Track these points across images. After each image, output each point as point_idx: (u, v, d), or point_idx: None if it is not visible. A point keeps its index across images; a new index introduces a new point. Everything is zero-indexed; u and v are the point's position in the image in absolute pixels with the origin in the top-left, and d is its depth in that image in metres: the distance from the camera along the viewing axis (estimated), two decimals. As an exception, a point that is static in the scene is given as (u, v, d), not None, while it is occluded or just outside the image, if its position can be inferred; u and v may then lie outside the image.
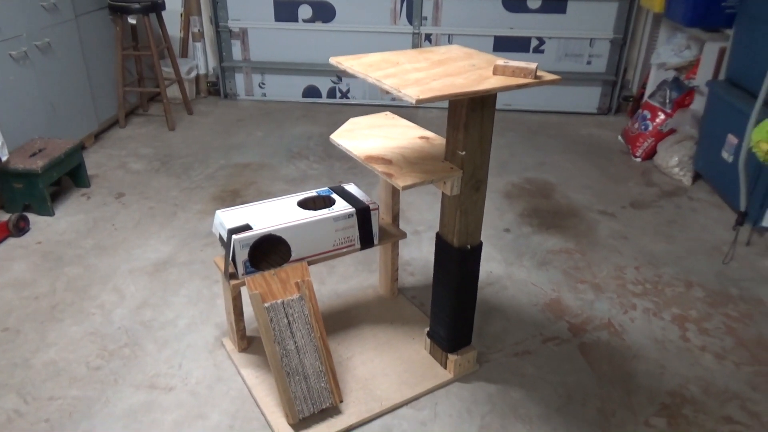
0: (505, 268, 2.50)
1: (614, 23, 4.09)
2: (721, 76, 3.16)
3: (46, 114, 3.14)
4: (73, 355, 1.97)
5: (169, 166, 3.41)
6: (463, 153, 1.53)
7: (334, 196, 1.96)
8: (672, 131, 3.44)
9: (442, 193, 1.64)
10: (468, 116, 1.47)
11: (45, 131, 3.12)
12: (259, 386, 1.83)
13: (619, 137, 3.89)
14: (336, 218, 1.85)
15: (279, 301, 1.72)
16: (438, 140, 1.76)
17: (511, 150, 3.72)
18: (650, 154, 3.55)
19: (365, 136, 1.80)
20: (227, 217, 1.82)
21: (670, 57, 3.68)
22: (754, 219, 2.56)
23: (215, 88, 4.58)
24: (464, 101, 1.44)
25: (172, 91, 4.27)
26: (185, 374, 1.90)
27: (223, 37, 4.36)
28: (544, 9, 4.10)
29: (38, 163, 2.71)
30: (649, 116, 3.56)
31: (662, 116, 3.49)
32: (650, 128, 3.52)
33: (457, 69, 1.43)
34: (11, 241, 2.61)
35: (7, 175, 2.72)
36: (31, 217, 2.79)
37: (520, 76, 1.35)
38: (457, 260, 1.70)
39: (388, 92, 1.34)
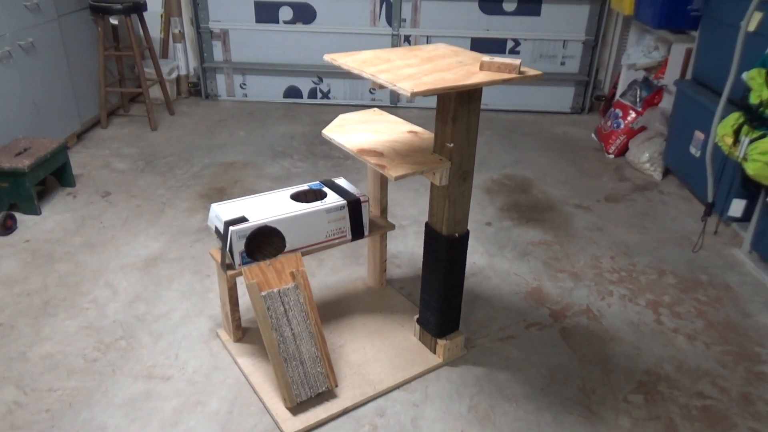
0: (487, 259, 2.59)
1: (586, 25, 4.24)
2: (688, 76, 3.32)
3: (29, 113, 3.14)
4: (69, 348, 2.00)
5: (154, 165, 3.43)
6: (451, 145, 1.62)
7: (326, 189, 2.03)
8: (643, 128, 3.60)
9: (431, 184, 1.72)
10: (456, 109, 1.56)
11: (28, 131, 3.13)
12: (255, 373, 1.89)
13: (593, 135, 4.04)
14: (329, 210, 1.92)
15: (275, 290, 1.78)
16: (426, 134, 1.85)
17: (489, 148, 3.84)
18: (622, 151, 3.69)
19: (356, 131, 1.87)
20: (223, 210, 1.87)
21: (639, 58, 3.83)
22: (721, 210, 2.70)
23: (196, 88, 4.61)
24: (452, 95, 1.53)
25: (154, 92, 4.28)
26: (182, 364, 1.95)
27: (204, 38, 4.39)
28: (519, 11, 4.23)
29: (25, 162, 2.72)
30: (620, 114, 3.71)
31: (633, 114, 3.64)
32: (622, 126, 3.67)
33: (445, 65, 1.52)
34: (-2, 240, 2.62)
35: (-7, 174, 2.73)
36: (18, 216, 2.79)
37: (505, 71, 1.45)
38: (446, 248, 1.78)
39: (381, 87, 1.42)
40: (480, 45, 4.33)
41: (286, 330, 1.78)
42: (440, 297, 1.87)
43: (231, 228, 1.78)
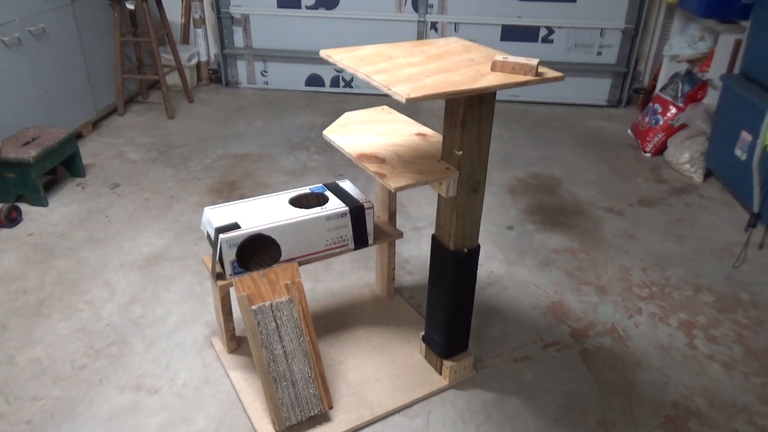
0: (506, 267, 2.42)
1: (626, 13, 3.96)
2: (736, 70, 3.04)
3: (40, 102, 3.08)
4: (58, 353, 1.92)
5: (167, 155, 3.34)
6: (460, 153, 1.45)
7: (328, 193, 1.89)
8: (683, 126, 3.34)
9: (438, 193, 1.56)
10: (465, 114, 1.39)
11: (40, 119, 3.06)
12: (247, 390, 1.77)
13: (629, 131, 3.78)
14: (328, 217, 1.78)
15: (267, 303, 1.65)
16: (435, 137, 1.68)
17: (515, 143, 3.63)
18: (660, 150, 3.44)
19: (360, 132, 1.72)
20: (215, 215, 1.75)
21: (683, 48, 3.56)
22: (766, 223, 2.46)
23: (217, 75, 4.50)
24: (461, 98, 1.36)
25: (173, 79, 4.19)
26: (172, 375, 1.85)
27: (224, 23, 4.27)
28: (554, -3, 3.98)
29: (30, 153, 2.65)
30: (659, 110, 3.45)
31: (673, 110, 3.38)
32: (661, 122, 3.41)
33: (453, 64, 1.34)
34: (2, 233, 2.56)
35: (-1, 164, 2.67)
36: (24, 207, 2.74)
37: (520, 73, 1.27)
38: (453, 264, 1.62)
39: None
40: (511, 33, 4.10)
41: (277, 347, 1.65)
42: (446, 316, 1.71)
43: (221, 236, 1.65)
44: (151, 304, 2.16)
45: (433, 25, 4.14)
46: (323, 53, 1.43)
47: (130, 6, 3.55)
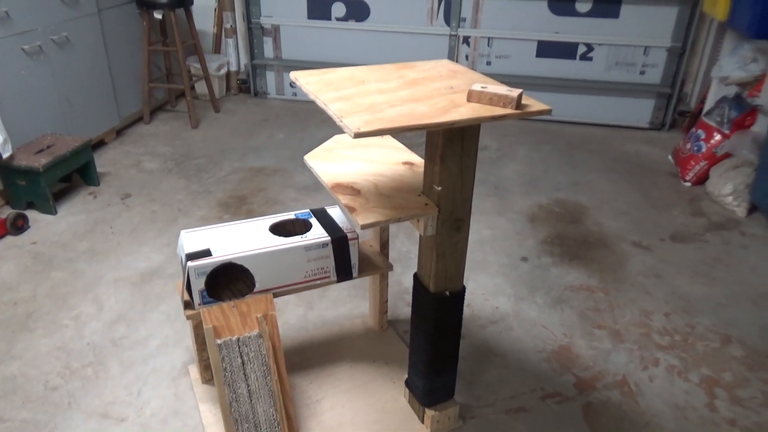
0: (514, 304, 2.24)
1: (673, 30, 3.71)
2: (789, 96, 2.77)
3: (61, 109, 3.10)
4: (34, 371, 1.87)
5: (183, 166, 3.31)
6: (440, 188, 1.31)
7: (313, 220, 1.77)
8: (728, 155, 3.07)
9: (418, 230, 1.42)
10: (444, 147, 1.25)
11: (60, 127, 3.08)
12: (214, 426, 1.67)
13: (669, 157, 3.52)
14: (308, 247, 1.66)
15: (234, 338, 1.55)
16: (423, 168, 1.54)
17: (545, 166, 3.43)
18: (702, 179, 3.18)
19: (343, 158, 1.60)
20: (189, 240, 1.66)
21: (733, 70, 3.28)
22: (814, 267, 2.20)
23: (246, 85, 4.48)
24: (438, 130, 1.22)
25: (202, 88, 4.19)
26: (142, 403, 1.77)
27: (255, 33, 4.25)
28: (594, 12, 3.76)
29: (41, 161, 2.66)
30: (703, 136, 3.19)
31: (718, 137, 3.11)
32: (703, 150, 3.15)
33: (428, 92, 1.21)
34: (8, 240, 2.56)
35: (11, 171, 2.68)
36: (34, 215, 2.75)
37: (499, 105, 1.12)
38: (434, 307, 1.48)
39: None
40: (547, 49, 3.90)
41: (241, 386, 1.54)
42: (427, 361, 1.56)
43: (189, 264, 1.56)
44: (136, 325, 2.09)
45: (466, 40, 3.99)
46: (292, 75, 1.32)
47: (158, 15, 3.55)
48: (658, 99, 3.90)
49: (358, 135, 0.98)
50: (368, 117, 1.04)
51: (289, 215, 1.81)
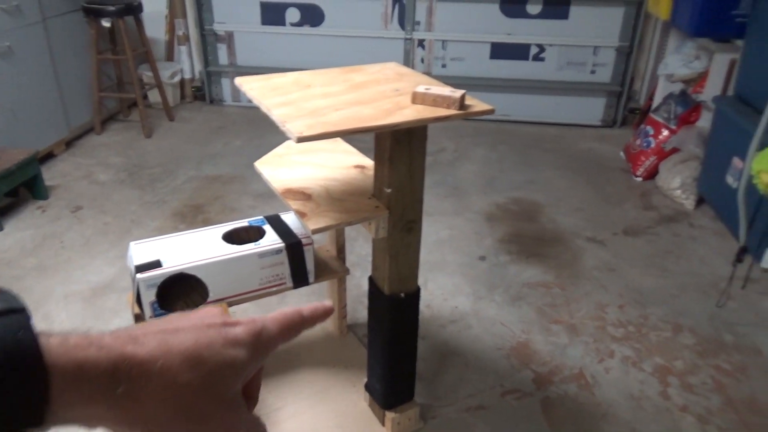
0: (473, 303, 2.26)
1: (620, 30, 3.81)
2: (731, 92, 2.88)
3: (5, 122, 2.99)
4: (-20, 394, 1.80)
5: (136, 177, 3.24)
6: (390, 190, 1.31)
7: (267, 227, 1.76)
8: (675, 150, 3.17)
9: (371, 233, 1.42)
10: (393, 149, 1.26)
11: (4, 140, 2.98)
12: (171, 440, 1.63)
13: (621, 153, 3.62)
14: (261, 254, 1.65)
15: (188, 349, 1.52)
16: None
17: (501, 165, 3.48)
18: (652, 174, 3.27)
19: (294, 164, 1.59)
20: (139, 251, 1.62)
21: (678, 68, 3.39)
22: (755, 255, 2.28)
23: (201, 93, 4.42)
24: (386, 132, 1.23)
25: (155, 96, 4.11)
26: (96, 421, 1.71)
27: (208, 40, 4.20)
28: (544, 14, 3.84)
29: (-16, 175, 2.57)
30: (651, 132, 3.28)
31: (666, 133, 3.21)
32: (652, 145, 3.25)
33: (373, 95, 1.21)
34: (-50, 258, 2.46)
35: (-47, 187, 2.58)
36: (-21, 231, 2.65)
37: (442, 106, 1.13)
38: (389, 310, 1.48)
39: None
40: (500, 51, 3.96)
41: (197, 398, 1.51)
42: (385, 364, 1.56)
43: (138, 276, 1.52)
44: (89, 340, 2.03)
45: (420, 43, 4.02)
46: (237, 81, 1.30)
47: (107, 24, 3.47)
48: (609, 97, 4.00)
49: (301, 139, 0.98)
50: (311, 121, 1.04)
51: (242, 222, 1.79)
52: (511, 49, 3.96)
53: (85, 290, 2.29)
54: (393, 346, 1.53)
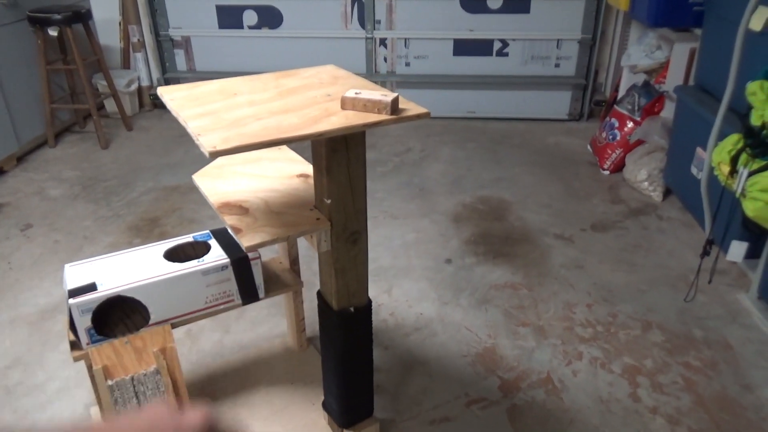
0: (438, 308, 2.20)
1: (582, 23, 3.78)
2: (692, 81, 2.85)
3: (-54, 138, 2.86)
4: None
5: (91, 190, 3.12)
6: (329, 201, 1.24)
7: (212, 242, 1.67)
8: (641, 141, 3.13)
9: (315, 246, 1.34)
10: (329, 158, 1.18)
11: (-54, 157, 2.84)
12: (116, 474, 1.54)
13: (588, 147, 3.58)
14: (205, 272, 1.56)
15: (128, 377, 1.43)
16: (318, 179, 1.46)
17: (468, 164, 3.42)
18: (619, 167, 3.24)
19: (235, 175, 1.50)
20: (73, 274, 1.53)
21: (640, 58, 3.36)
22: (722, 247, 2.25)
23: (159, 101, 4.28)
24: (321, 140, 1.15)
25: (112, 106, 3.98)
26: (37, 457, 1.61)
27: (164, 46, 4.08)
28: (505, 9, 3.79)
29: None
30: (617, 124, 3.25)
31: (631, 124, 3.18)
32: (618, 138, 3.21)
33: (303, 102, 1.13)
34: None
35: None
36: None
37: (373, 110, 1.05)
38: (339, 326, 1.40)
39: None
40: (463, 47, 3.90)
41: (139, 429, 1.42)
42: (340, 382, 1.49)
43: (71, 301, 1.43)
44: (33, 368, 1.92)
45: (383, 42, 3.94)
46: (159, 91, 1.21)
47: (53, 33, 3.34)
48: (575, 90, 3.97)
49: (214, 154, 0.90)
50: (228, 133, 0.96)
51: (187, 238, 1.69)
52: (475, 45, 3.90)
53: (32, 314, 2.18)
54: (346, 362, 1.46)
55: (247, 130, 0.97)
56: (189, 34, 4.02)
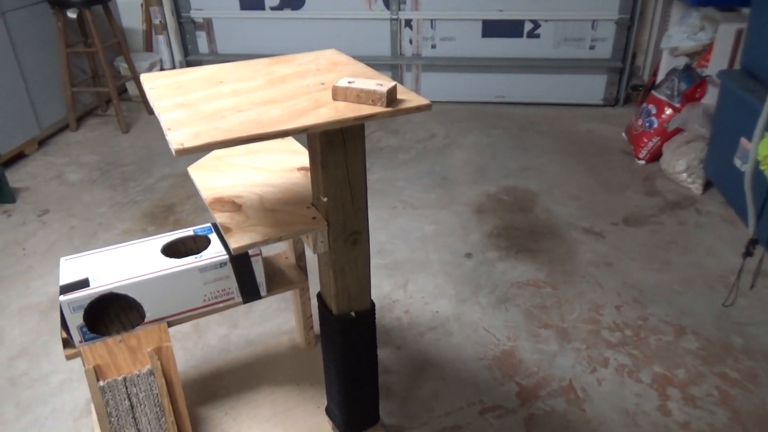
0: (455, 306, 2.08)
1: (619, 2, 3.56)
2: (738, 65, 2.63)
3: (-35, 122, 2.85)
4: None
5: (109, 176, 3.09)
6: (326, 199, 1.13)
7: (213, 236, 1.59)
8: (679, 130, 2.93)
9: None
10: (324, 152, 1.07)
11: (-34, 141, 2.84)
12: (112, 475, 1.49)
13: (623, 134, 3.39)
14: (203, 268, 1.48)
15: (120, 378, 1.36)
16: (320, 173, 1.36)
17: (493, 151, 3.27)
18: (656, 156, 3.05)
19: (233, 167, 1.41)
20: (68, 269, 1.46)
21: (682, 40, 3.15)
22: (766, 246, 2.07)
23: (182, 83, 4.23)
24: (315, 133, 1.04)
25: (134, 89, 3.95)
26: (35, 453, 1.58)
27: (186, 28, 4.01)
28: (538, -13, 3.59)
29: (-62, 182, 2.43)
30: (654, 111, 3.05)
31: (669, 111, 2.98)
32: (655, 125, 3.02)
33: (292, 91, 1.02)
34: None
35: None
36: (-62, 240, 2.52)
37: (367, 102, 0.94)
38: (339, 331, 1.31)
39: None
40: (493, 28, 3.73)
41: (131, 433, 1.36)
42: (341, 389, 1.40)
43: (62, 298, 1.36)
44: (39, 359, 1.89)
45: (408, 23, 3.80)
46: (142, 78, 1.12)
47: (72, 15, 3.30)
48: (610, 74, 3.76)
49: (180, 152, 0.80)
50: (201, 128, 0.86)
51: (187, 232, 1.62)
52: (504, 26, 3.72)
53: (43, 302, 2.15)
54: (348, 369, 1.36)
55: (223, 124, 0.87)
56: (211, 16, 3.95)
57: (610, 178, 2.96)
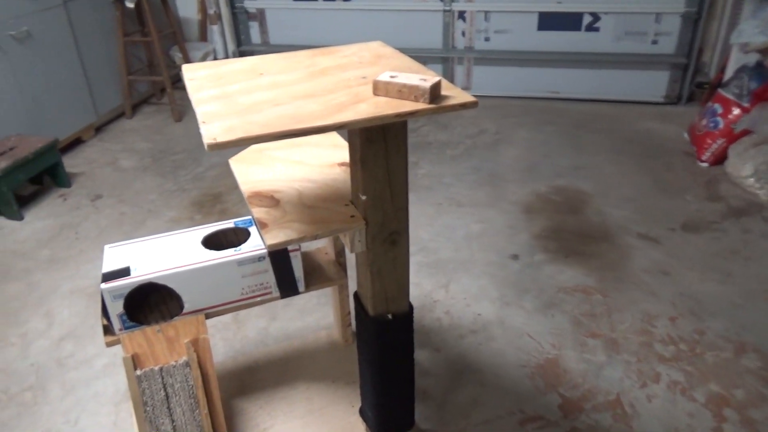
0: (498, 309, 2.02)
1: (687, -6, 3.37)
2: (818, 63, 2.44)
3: (26, 109, 2.95)
4: (-32, 399, 1.74)
5: (160, 163, 3.15)
6: (365, 198, 1.09)
7: (253, 229, 1.58)
8: (748, 131, 2.75)
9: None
10: (364, 149, 1.03)
11: (27, 127, 2.94)
12: (147, 462, 1.50)
13: (685, 135, 3.21)
14: (241, 262, 1.47)
15: (156, 368, 1.37)
16: (361, 169, 1.32)
17: (546, 149, 3.16)
18: (720, 159, 2.87)
19: (273, 160, 1.39)
20: (111, 256, 1.48)
21: (754, 35, 2.94)
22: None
23: (234, 73, 4.28)
24: (355, 129, 1.00)
25: (188, 78, 4.01)
26: (76, 435, 1.61)
27: (240, 18, 4.04)
28: (600, -21, 3.44)
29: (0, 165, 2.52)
30: (720, 111, 2.87)
31: (737, 111, 2.80)
32: (721, 126, 2.84)
33: (332, 85, 0.99)
34: (-34, 250, 2.44)
35: (-30, 177, 2.55)
36: (0, 221, 2.62)
37: (409, 97, 0.89)
38: (375, 333, 1.27)
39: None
40: (550, 21, 3.60)
41: (165, 422, 1.36)
42: (376, 391, 1.36)
43: (103, 286, 1.38)
44: (84, 342, 1.94)
45: (461, 15, 3.71)
46: (184, 69, 1.11)
47: (130, 4, 3.37)
48: (674, 70, 3.57)
49: (213, 147, 0.77)
50: (236, 121, 0.83)
51: (228, 224, 1.61)
52: (562, 19, 3.58)
53: (91, 285, 2.21)
54: (383, 371, 1.33)
55: (259, 118, 0.84)
56: (263, 6, 3.96)
57: (669, 180, 2.81)
